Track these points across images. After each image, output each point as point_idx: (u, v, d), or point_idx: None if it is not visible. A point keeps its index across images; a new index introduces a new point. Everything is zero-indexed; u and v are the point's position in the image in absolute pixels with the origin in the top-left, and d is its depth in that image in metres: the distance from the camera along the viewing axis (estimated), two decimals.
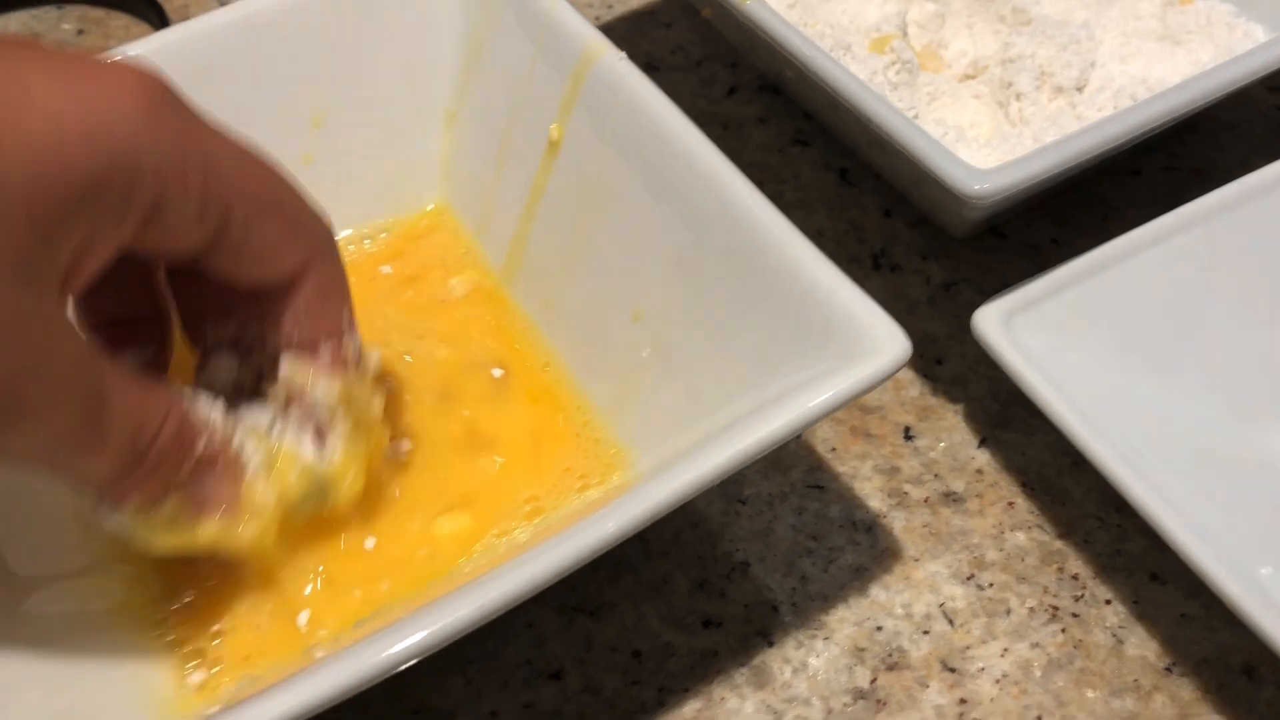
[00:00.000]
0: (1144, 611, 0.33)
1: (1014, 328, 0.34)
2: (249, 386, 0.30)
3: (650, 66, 0.48)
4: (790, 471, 0.36)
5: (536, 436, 0.34)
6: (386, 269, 0.38)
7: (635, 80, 0.33)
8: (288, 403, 0.29)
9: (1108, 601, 0.33)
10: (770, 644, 0.33)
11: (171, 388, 0.27)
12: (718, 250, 0.31)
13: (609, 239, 0.34)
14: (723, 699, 0.32)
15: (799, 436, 0.36)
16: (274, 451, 0.29)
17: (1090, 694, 0.32)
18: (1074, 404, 0.32)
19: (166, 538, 0.27)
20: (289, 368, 0.29)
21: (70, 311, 0.25)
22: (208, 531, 0.28)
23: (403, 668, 0.24)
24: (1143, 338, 0.35)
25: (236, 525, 0.28)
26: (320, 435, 0.29)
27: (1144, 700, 0.31)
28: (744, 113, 0.46)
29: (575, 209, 0.35)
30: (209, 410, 0.28)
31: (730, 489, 0.36)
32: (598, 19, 0.51)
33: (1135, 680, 0.32)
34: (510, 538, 0.32)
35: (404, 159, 0.39)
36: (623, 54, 0.34)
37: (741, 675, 0.32)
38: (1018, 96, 0.41)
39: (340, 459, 0.29)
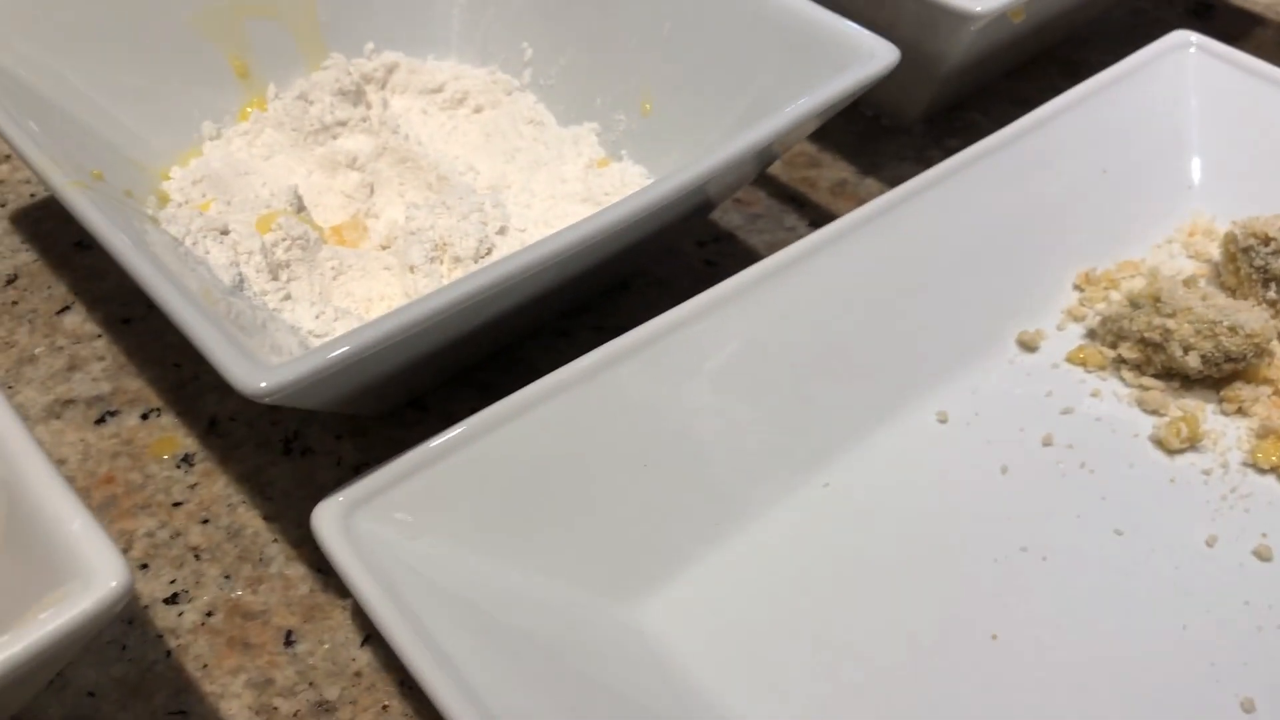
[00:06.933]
0: None
1: (360, 519, 0.31)
2: None
3: None
4: (153, 697, 0.33)
5: None
6: None
7: None
8: None
9: None
10: None
11: None
12: None
13: None
14: None
15: (171, 655, 0.34)
16: None
17: None
18: (403, 602, 0.29)
19: None
20: None
21: None
22: None
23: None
24: (513, 512, 0.33)
25: None
26: None
27: None
28: None
29: None
30: None
31: None
32: None
33: None
34: None
35: None
36: None
37: None
38: (411, 269, 0.40)
39: None
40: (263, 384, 0.29)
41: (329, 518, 0.31)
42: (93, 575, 0.24)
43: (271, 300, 0.38)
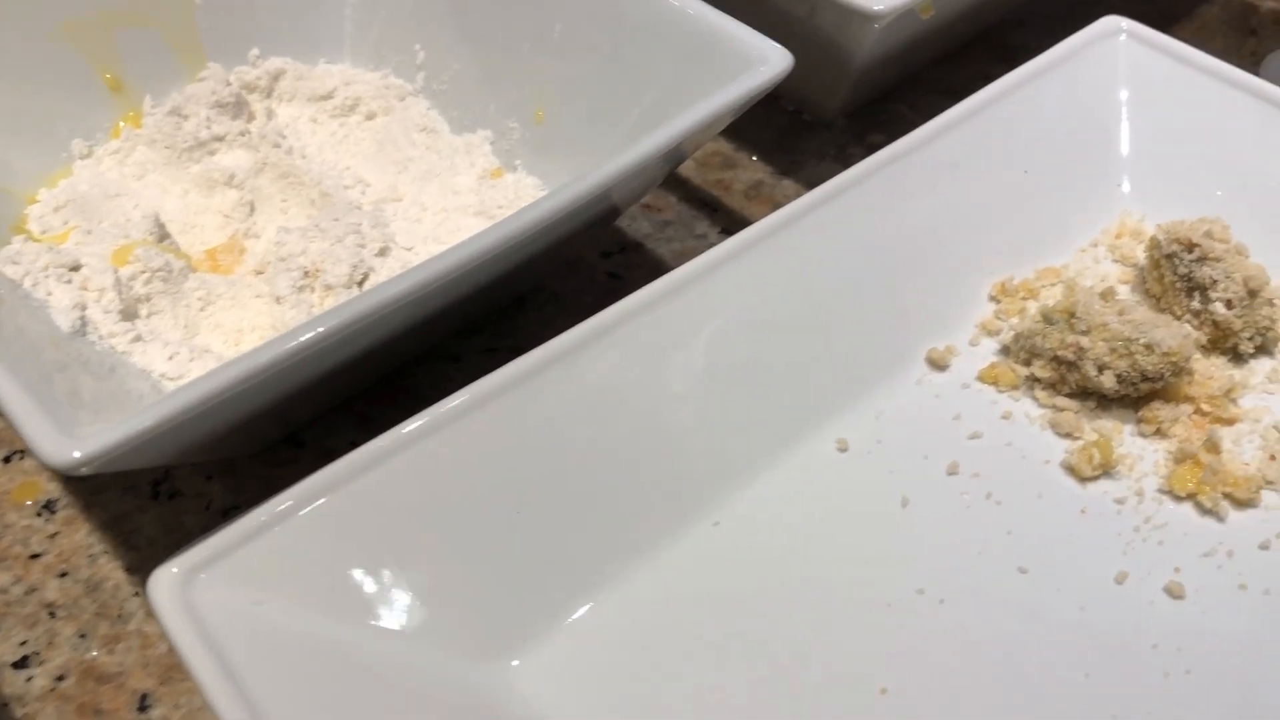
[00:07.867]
0: None
1: (200, 588, 0.28)
2: None
3: None
4: None
5: None
6: None
7: None
8: None
9: None
10: None
11: None
12: None
13: None
14: None
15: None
16: None
17: None
18: (241, 682, 0.26)
19: None
20: None
21: None
22: None
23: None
24: (371, 570, 0.30)
25: None
26: None
27: None
28: None
29: None
30: None
31: None
32: None
33: None
34: None
35: None
36: None
37: None
38: (278, 300, 0.37)
39: None
40: (76, 454, 0.27)
41: (165, 587, 0.28)
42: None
43: (120, 343, 0.35)
